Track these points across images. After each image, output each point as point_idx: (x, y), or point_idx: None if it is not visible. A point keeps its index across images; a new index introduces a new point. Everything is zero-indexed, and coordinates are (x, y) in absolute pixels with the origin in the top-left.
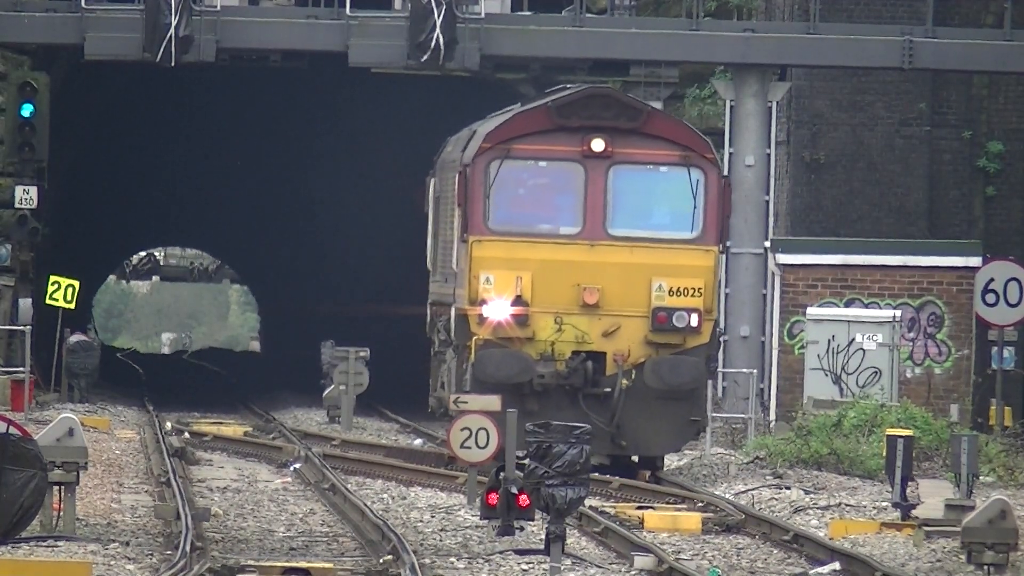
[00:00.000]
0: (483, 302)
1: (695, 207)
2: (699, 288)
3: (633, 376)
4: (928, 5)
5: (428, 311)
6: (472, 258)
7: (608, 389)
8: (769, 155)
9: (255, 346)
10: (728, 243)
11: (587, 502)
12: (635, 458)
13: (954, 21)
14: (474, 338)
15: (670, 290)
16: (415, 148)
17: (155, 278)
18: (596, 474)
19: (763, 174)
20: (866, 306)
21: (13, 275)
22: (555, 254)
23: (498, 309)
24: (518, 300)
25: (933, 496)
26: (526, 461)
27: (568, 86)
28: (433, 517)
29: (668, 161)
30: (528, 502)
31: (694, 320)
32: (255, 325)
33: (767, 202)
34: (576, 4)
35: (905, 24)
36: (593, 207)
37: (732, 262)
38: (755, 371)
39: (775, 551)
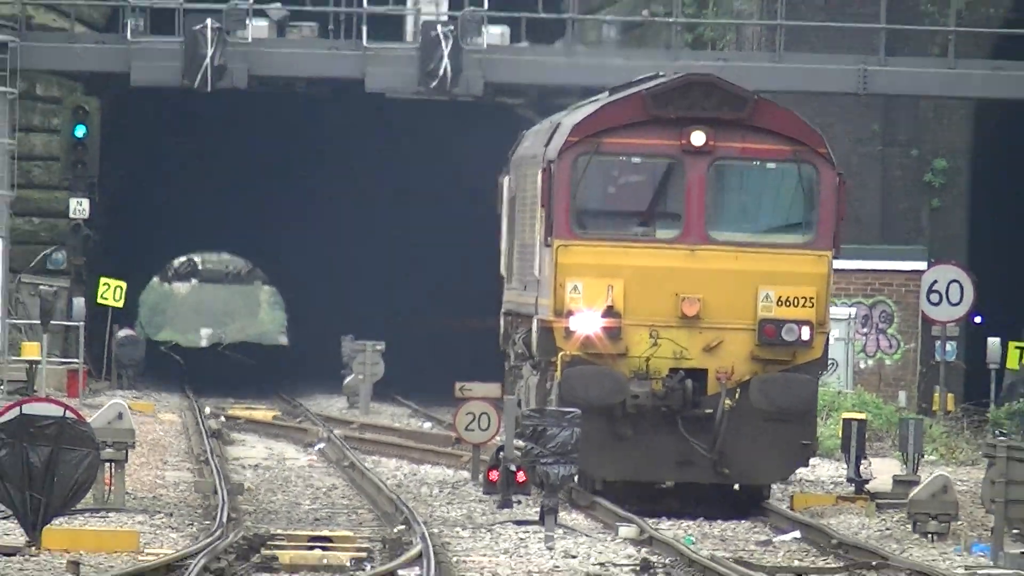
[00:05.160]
0: (570, 313)
1: (807, 207)
2: (811, 298)
3: (737, 396)
4: (880, 37)
5: (502, 322)
6: (558, 264)
7: (709, 411)
8: None
9: (283, 340)
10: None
11: None
12: (737, 486)
13: (904, 51)
14: (560, 354)
15: (779, 300)
16: (426, 167)
17: (194, 280)
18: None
19: None
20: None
21: (68, 277)
22: (651, 260)
23: (587, 321)
24: (609, 311)
25: (883, 472)
26: (523, 442)
27: (662, 73)
28: (441, 491)
29: (777, 156)
30: (525, 478)
31: (805, 333)
32: (283, 321)
33: None
34: (568, 36)
35: (860, 54)
36: (693, 208)
37: None
38: None
39: (743, 521)
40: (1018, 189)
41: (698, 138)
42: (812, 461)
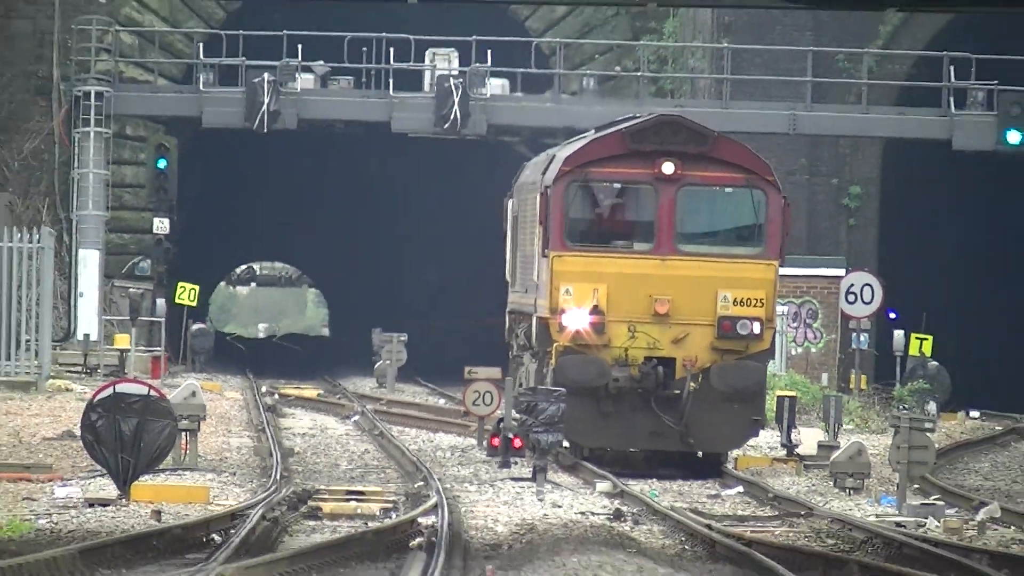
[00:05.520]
0: (563, 312)
1: (757, 225)
2: (761, 299)
3: (700, 380)
4: (807, 88)
5: (507, 319)
6: (553, 271)
7: (677, 392)
8: None
9: (325, 332)
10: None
11: None
12: (700, 454)
13: (826, 100)
14: (555, 345)
15: (734, 300)
16: (441, 192)
17: (253, 284)
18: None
19: None
20: None
21: (152, 282)
22: (629, 268)
23: (577, 318)
24: (595, 310)
25: (810, 439)
26: (519, 415)
27: (638, 115)
28: (452, 455)
29: (733, 183)
30: (521, 444)
31: (756, 328)
32: (325, 317)
33: None
34: (555, 87)
35: (790, 102)
36: (664, 225)
37: None
38: None
39: (699, 480)
40: (918, 210)
41: (668, 168)
42: None
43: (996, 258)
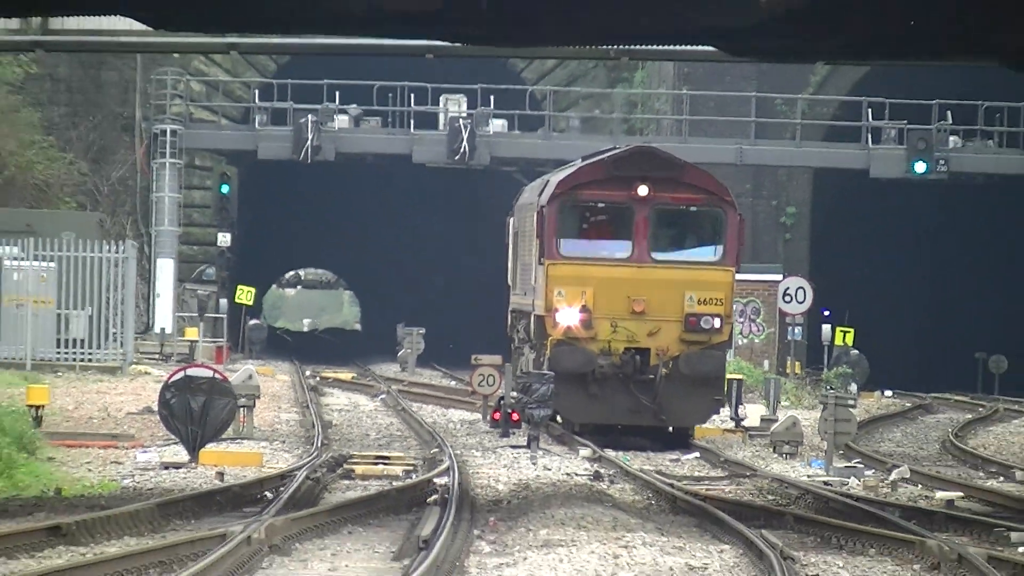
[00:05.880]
0: (556, 310)
1: (717, 238)
2: (721, 299)
3: (670, 366)
4: (751, 127)
5: (508, 316)
6: (548, 277)
7: (652, 376)
8: None
9: (358, 327)
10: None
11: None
12: (671, 428)
13: (767, 136)
14: (549, 338)
15: (699, 300)
16: (452, 211)
17: (298, 287)
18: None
19: None
20: None
21: (216, 285)
22: (611, 273)
23: (568, 316)
24: (583, 309)
25: (754, 414)
26: (516, 394)
27: (617, 147)
28: (461, 427)
29: (697, 203)
30: (518, 418)
31: (717, 323)
32: (358, 314)
33: None
34: (545, 126)
35: (738, 138)
36: (639, 238)
37: None
38: None
39: (667, 449)
40: (843, 226)
41: (643, 190)
42: None
43: (908, 265)
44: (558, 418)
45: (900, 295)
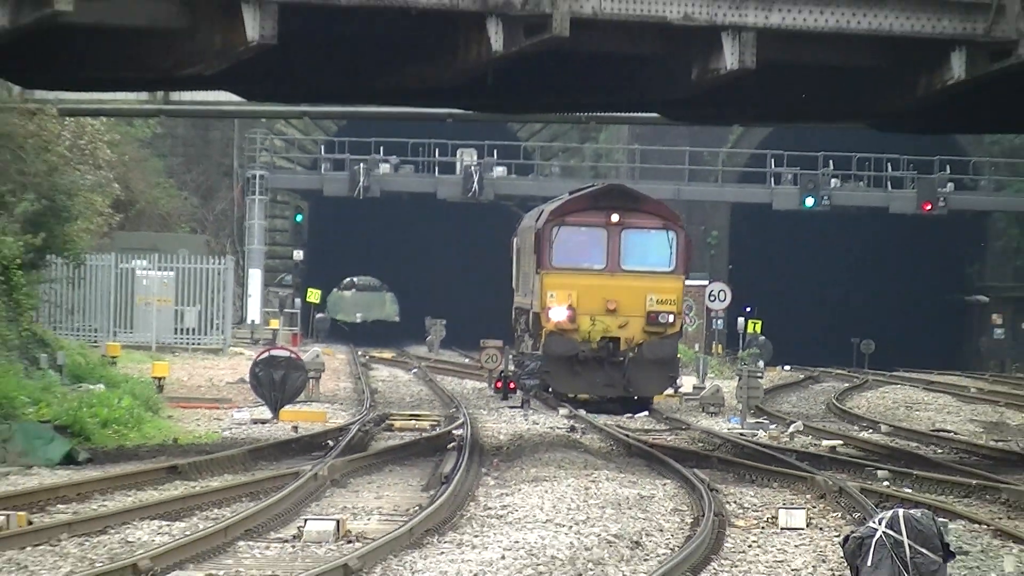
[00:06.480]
0: (549, 308)
1: (671, 253)
2: (674, 300)
3: (636, 351)
4: (685, 171)
5: (512, 313)
6: (543, 283)
7: (622, 359)
8: None
9: (397, 319)
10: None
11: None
12: (636, 397)
13: (697, 178)
14: (544, 329)
15: (658, 301)
16: (466, 234)
17: (353, 289)
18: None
19: None
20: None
21: (292, 289)
22: (591, 280)
23: (558, 313)
24: (570, 307)
25: (688, 383)
26: (513, 369)
27: (595, 183)
28: (473, 393)
29: (655, 227)
30: (514, 387)
31: (671, 319)
32: (397, 310)
33: None
34: (535, 172)
35: (676, 180)
36: (612, 254)
37: None
38: None
39: (628, 411)
40: (754, 244)
41: (615, 217)
42: None
43: (801, 273)
44: (550, 389)
45: (795, 295)
